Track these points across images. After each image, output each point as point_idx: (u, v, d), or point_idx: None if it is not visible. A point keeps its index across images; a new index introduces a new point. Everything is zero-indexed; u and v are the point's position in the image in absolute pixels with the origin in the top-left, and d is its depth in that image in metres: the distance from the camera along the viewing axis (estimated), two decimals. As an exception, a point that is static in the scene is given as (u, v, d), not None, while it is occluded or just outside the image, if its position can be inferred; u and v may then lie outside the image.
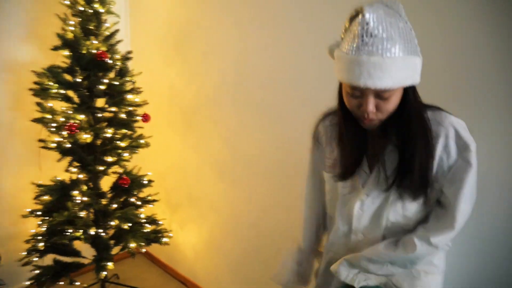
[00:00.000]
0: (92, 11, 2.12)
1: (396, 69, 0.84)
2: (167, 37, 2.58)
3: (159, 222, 2.45)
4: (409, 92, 0.94)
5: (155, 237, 2.36)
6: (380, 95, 0.89)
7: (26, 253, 2.11)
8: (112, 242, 2.25)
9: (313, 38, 1.69)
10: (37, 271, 2.12)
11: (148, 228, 2.35)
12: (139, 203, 2.36)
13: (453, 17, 1.24)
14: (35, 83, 2.02)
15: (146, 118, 2.29)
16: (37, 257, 2.13)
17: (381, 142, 1.03)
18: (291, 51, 1.80)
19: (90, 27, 2.12)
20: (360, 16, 0.84)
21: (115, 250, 2.29)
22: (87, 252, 2.26)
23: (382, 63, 0.83)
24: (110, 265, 2.11)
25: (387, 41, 0.83)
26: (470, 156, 0.97)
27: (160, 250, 2.95)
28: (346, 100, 0.96)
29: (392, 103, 0.92)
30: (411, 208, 1.05)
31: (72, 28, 2.08)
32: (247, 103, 2.08)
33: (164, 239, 2.40)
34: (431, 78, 1.28)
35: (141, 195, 2.41)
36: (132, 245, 2.20)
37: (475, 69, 1.21)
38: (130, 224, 2.20)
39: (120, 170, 2.31)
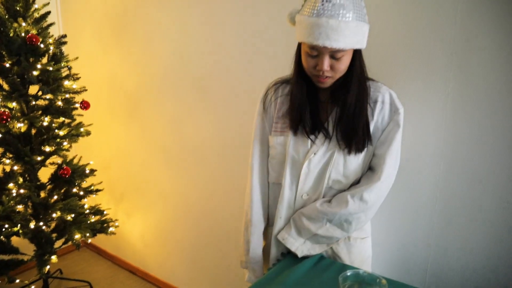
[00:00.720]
0: (18, -10, 1.97)
1: (349, 32, 0.97)
2: (103, 21, 2.47)
3: (104, 212, 2.39)
4: (356, 57, 1.06)
5: (101, 227, 2.30)
6: (334, 55, 1.01)
7: (-43, 253, 1.97)
8: (54, 235, 2.16)
9: (252, 20, 1.73)
10: (-29, 271, 1.98)
11: (93, 218, 2.28)
12: (81, 193, 2.28)
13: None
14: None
15: (85, 105, 2.20)
16: (-30, 256, 1.99)
17: (329, 105, 1.16)
18: (232, 35, 1.82)
19: (17, 8, 1.98)
20: None
21: (57, 244, 2.21)
22: (27, 248, 2.15)
23: (338, 26, 0.95)
24: (53, 258, 2.03)
25: (343, 7, 0.95)
26: (399, 119, 1.12)
27: (106, 241, 2.88)
28: (304, 60, 1.06)
29: (344, 63, 1.04)
30: (350, 167, 1.15)
31: (-3, 9, 1.93)
32: (190, 89, 2.07)
33: (110, 229, 2.34)
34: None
35: (84, 185, 2.33)
36: (77, 236, 2.13)
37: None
38: (73, 215, 2.12)
39: (59, 160, 2.21)
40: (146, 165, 2.46)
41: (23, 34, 1.95)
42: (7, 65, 1.94)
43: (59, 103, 2.11)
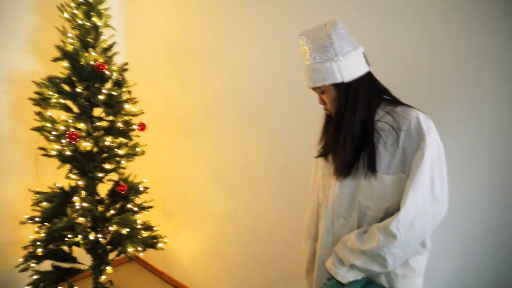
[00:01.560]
0: (90, 24, 2.21)
1: (312, 72, 1.16)
2: (162, 49, 2.68)
3: (154, 228, 2.52)
4: (342, 90, 1.17)
5: (151, 242, 2.43)
6: (320, 91, 1.20)
7: (23, 259, 2.16)
8: (109, 247, 2.31)
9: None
10: (36, 277, 2.16)
11: (144, 234, 2.41)
12: (135, 209, 2.43)
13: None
14: (36, 93, 2.10)
15: (142, 127, 2.38)
16: (34, 263, 2.17)
17: None
18: (283, 62, 1.92)
19: (89, 40, 2.21)
20: (301, 36, 1.19)
21: (111, 256, 2.35)
22: (83, 258, 2.31)
23: (305, 69, 1.19)
24: (109, 269, 2.17)
25: (309, 53, 1.17)
26: (426, 146, 1.08)
27: (155, 256, 3.01)
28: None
29: (328, 97, 1.20)
30: (377, 192, 1.17)
31: (71, 41, 2.16)
32: (243, 112, 2.18)
33: (160, 245, 2.47)
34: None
35: (137, 201, 2.48)
36: (130, 249, 2.26)
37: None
38: (127, 230, 2.26)
39: (116, 177, 2.38)
40: (197, 185, 2.58)
41: (92, 62, 2.16)
42: (78, 90, 2.16)
43: (120, 124, 2.30)
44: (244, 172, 2.23)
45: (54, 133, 2.11)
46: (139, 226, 2.44)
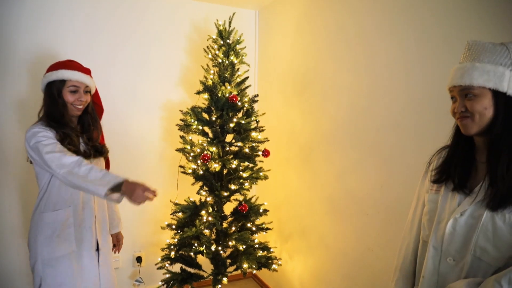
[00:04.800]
0: (228, 62, 2.55)
1: (473, 70, 1.06)
2: (288, 82, 2.89)
3: (271, 250, 2.67)
4: (499, 102, 1.05)
5: (266, 262, 2.58)
6: (466, 93, 1.08)
7: (161, 259, 2.55)
8: (228, 261, 2.55)
9: (425, 79, 1.76)
10: (168, 275, 2.52)
11: (260, 253, 2.58)
12: (254, 229, 2.62)
13: None
14: (181, 120, 2.51)
15: (266, 153, 2.59)
16: (168, 263, 2.54)
17: (483, 165, 1.12)
18: (403, 93, 1.89)
19: (226, 75, 2.55)
20: (467, 45, 1.13)
21: (230, 269, 2.58)
22: (206, 267, 2.60)
23: (465, 66, 1.08)
24: (225, 280, 2.39)
25: (479, 54, 1.08)
26: None
27: (269, 276, 3.15)
28: (451, 108, 1.16)
29: (478, 104, 1.07)
30: (502, 236, 1.04)
31: (212, 76, 2.53)
32: (360, 143, 2.20)
33: (273, 266, 2.60)
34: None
35: (257, 222, 2.68)
36: (245, 265, 2.45)
37: None
38: (244, 247, 2.46)
39: (240, 198, 2.63)
40: (312, 212, 2.66)
41: (227, 95, 2.48)
42: (213, 118, 2.50)
43: (246, 150, 2.55)
44: (356, 203, 2.22)
45: (192, 154, 2.47)
46: (256, 246, 2.62)
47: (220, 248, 2.45)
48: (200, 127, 2.50)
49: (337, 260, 2.41)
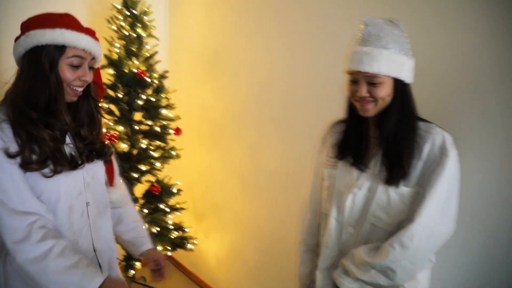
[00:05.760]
0: (135, 35, 2.38)
1: (382, 59, 1.08)
2: (200, 59, 2.81)
3: (186, 230, 2.63)
4: (398, 89, 1.14)
5: (181, 242, 2.54)
6: (371, 81, 1.11)
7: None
8: (141, 244, 2.45)
9: (330, 57, 1.84)
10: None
11: (175, 234, 2.52)
12: (167, 210, 2.55)
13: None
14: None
15: (178, 132, 2.51)
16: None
17: (376, 141, 1.21)
18: (310, 71, 1.96)
19: (133, 49, 2.38)
20: (365, 19, 1.14)
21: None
22: (117, 252, 2.46)
23: (372, 52, 1.09)
24: (138, 265, 2.29)
25: (381, 38, 1.10)
26: (447, 162, 1.10)
27: (185, 257, 3.12)
28: (348, 88, 1.18)
29: (382, 90, 1.12)
30: (394, 205, 1.16)
31: (117, 50, 2.34)
32: (269, 120, 2.24)
33: (189, 246, 2.57)
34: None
35: (170, 203, 2.60)
36: (159, 248, 2.38)
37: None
38: (158, 229, 2.39)
39: (152, 179, 2.52)
40: (225, 189, 2.67)
41: (134, 70, 2.32)
42: (120, 95, 2.33)
43: (157, 128, 2.44)
44: (267, 177, 2.29)
45: (96, 134, 2.28)
46: (170, 227, 2.55)
47: (131, 232, 2.33)
48: (106, 105, 2.31)
49: (251, 235, 2.46)
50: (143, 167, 2.39)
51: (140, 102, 2.35)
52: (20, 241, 1.03)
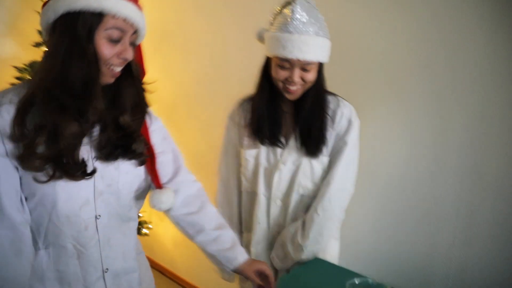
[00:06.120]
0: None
1: (317, 46, 1.12)
2: (147, 35, 2.64)
3: (139, 214, 2.53)
4: (321, 70, 1.20)
5: (135, 228, 2.44)
6: (304, 67, 1.14)
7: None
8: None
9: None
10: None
11: (128, 219, 2.42)
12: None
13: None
14: (17, 78, 2.08)
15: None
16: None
17: (290, 116, 1.28)
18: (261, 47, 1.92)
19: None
20: (292, 4, 1.11)
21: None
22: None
23: (309, 40, 1.10)
24: None
25: (312, 24, 1.11)
26: (353, 131, 1.23)
27: (141, 242, 3.03)
28: (275, 72, 1.18)
29: (313, 75, 1.17)
30: (317, 174, 1.26)
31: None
32: (222, 98, 2.17)
33: (144, 230, 2.49)
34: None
35: (121, 187, 2.48)
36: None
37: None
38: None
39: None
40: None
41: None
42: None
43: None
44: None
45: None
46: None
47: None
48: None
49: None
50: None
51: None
52: None
